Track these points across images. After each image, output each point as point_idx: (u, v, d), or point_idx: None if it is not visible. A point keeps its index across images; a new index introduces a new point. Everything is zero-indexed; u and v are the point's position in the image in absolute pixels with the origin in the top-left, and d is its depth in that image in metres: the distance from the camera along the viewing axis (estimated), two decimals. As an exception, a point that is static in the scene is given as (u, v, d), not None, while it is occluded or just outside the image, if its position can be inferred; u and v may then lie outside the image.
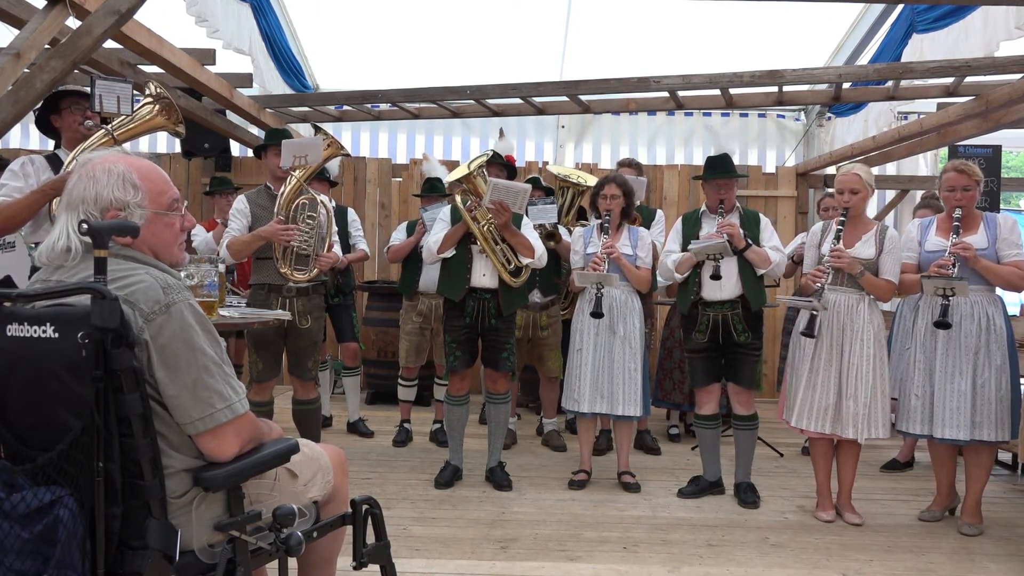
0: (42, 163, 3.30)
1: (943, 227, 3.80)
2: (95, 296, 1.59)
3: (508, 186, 4.05)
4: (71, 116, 3.37)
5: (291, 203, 3.94)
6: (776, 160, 7.70)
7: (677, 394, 5.44)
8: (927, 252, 3.81)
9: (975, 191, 3.72)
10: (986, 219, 3.78)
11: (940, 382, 3.70)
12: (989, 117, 5.37)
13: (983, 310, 3.67)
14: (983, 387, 3.64)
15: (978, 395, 3.64)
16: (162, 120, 3.40)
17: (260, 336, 4.02)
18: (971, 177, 3.70)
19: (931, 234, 3.84)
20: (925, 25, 5.11)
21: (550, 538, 3.58)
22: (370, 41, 6.56)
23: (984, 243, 3.70)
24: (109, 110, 3.24)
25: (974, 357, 3.65)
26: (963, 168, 3.73)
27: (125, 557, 1.67)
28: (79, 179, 1.83)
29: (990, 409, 3.63)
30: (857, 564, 3.37)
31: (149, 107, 3.36)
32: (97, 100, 3.21)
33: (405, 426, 5.32)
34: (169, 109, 3.40)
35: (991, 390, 3.63)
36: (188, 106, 5.50)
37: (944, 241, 3.73)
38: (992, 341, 3.65)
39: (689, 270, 4.12)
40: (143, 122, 3.36)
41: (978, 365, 3.65)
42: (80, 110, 3.35)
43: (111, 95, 3.24)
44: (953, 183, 3.72)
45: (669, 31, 6.28)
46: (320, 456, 2.18)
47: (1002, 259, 3.68)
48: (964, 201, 3.70)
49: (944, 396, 3.68)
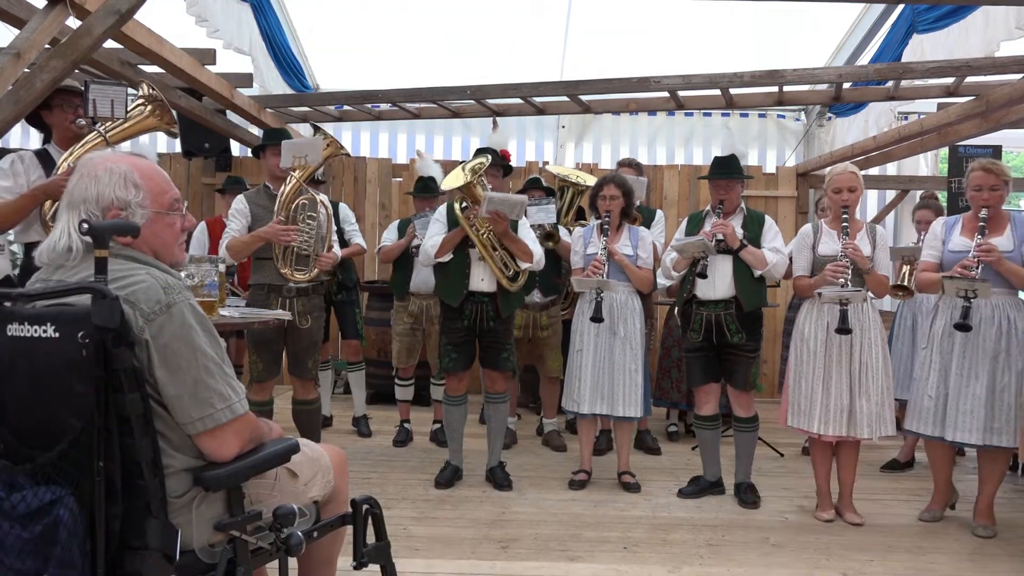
0: (32, 160, 3.29)
1: (968, 227, 3.71)
2: (96, 296, 1.59)
3: (504, 199, 4.03)
4: (62, 114, 3.35)
5: (291, 203, 3.94)
6: (776, 160, 7.70)
7: (675, 393, 5.45)
8: (950, 252, 3.73)
9: (1003, 191, 3.64)
10: (1014, 220, 3.69)
11: (955, 384, 3.65)
12: (989, 117, 5.36)
13: (1004, 313, 3.61)
14: (1003, 392, 3.58)
15: (997, 400, 3.58)
16: (155, 121, 3.38)
17: (260, 336, 4.02)
18: (999, 176, 3.62)
19: (955, 234, 3.76)
20: (925, 25, 5.11)
21: (550, 538, 3.58)
22: (370, 41, 6.55)
23: (1010, 245, 3.62)
24: (103, 114, 3.19)
25: (992, 361, 3.59)
26: (991, 167, 3.66)
27: (125, 557, 1.67)
28: (80, 178, 1.83)
29: (1009, 415, 3.56)
30: (857, 564, 3.36)
31: (141, 107, 3.35)
32: (91, 105, 3.16)
33: (405, 426, 5.33)
34: (162, 110, 3.38)
35: (1011, 395, 3.57)
36: (188, 106, 5.51)
37: (968, 241, 3.65)
38: (1013, 345, 3.59)
39: (685, 268, 4.11)
40: (135, 123, 3.35)
41: (997, 369, 3.59)
42: (72, 108, 3.33)
43: (105, 99, 3.18)
44: (980, 182, 3.65)
45: (669, 31, 6.28)
46: (320, 456, 2.19)
47: None
48: (991, 201, 3.62)
49: (958, 399, 3.63)
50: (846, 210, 3.78)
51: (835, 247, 3.80)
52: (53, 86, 3.35)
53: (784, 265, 4.10)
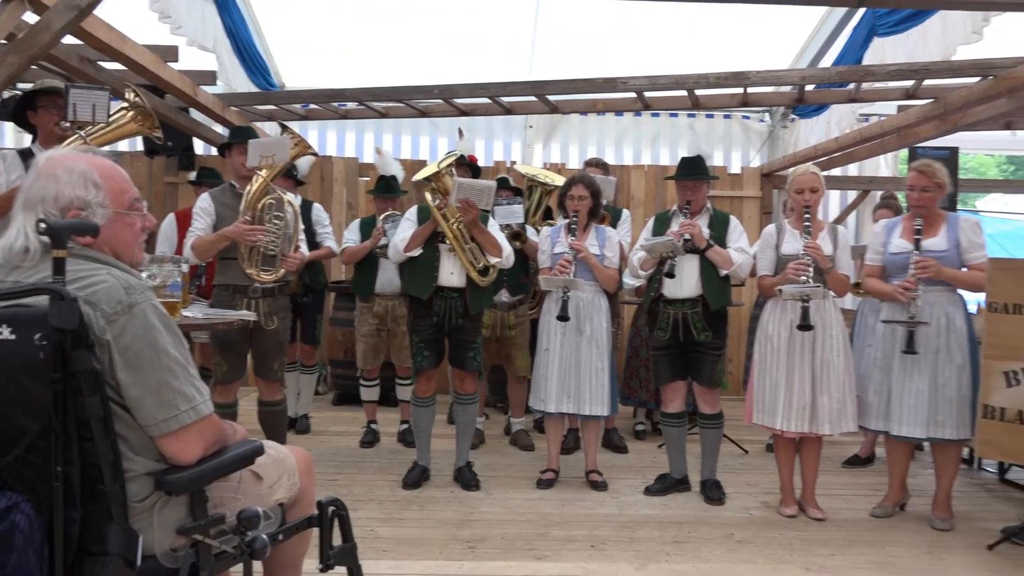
0: (14, 159, 3.27)
1: (907, 228, 3.84)
2: (53, 297, 1.56)
3: (473, 184, 4.07)
4: (47, 115, 3.33)
5: (257, 203, 3.90)
6: (741, 161, 7.79)
7: (643, 392, 5.48)
8: (890, 254, 3.85)
9: (933, 192, 3.75)
10: (949, 220, 3.82)
11: (898, 380, 3.77)
12: (947, 119, 5.49)
13: (943, 310, 3.72)
14: (944, 386, 3.69)
15: (939, 394, 3.69)
16: (136, 127, 3.36)
17: (225, 337, 3.96)
18: (930, 178, 3.73)
19: (895, 236, 3.88)
20: (886, 29, 5.21)
21: (518, 537, 3.59)
22: (337, 39, 6.51)
23: (944, 245, 3.74)
24: (84, 118, 3.14)
25: (933, 356, 3.70)
26: (924, 169, 3.77)
27: (84, 563, 1.64)
28: (38, 177, 1.80)
29: (951, 408, 3.68)
30: (819, 558, 3.42)
31: (123, 112, 3.33)
32: (71, 109, 3.10)
33: (372, 427, 5.30)
34: (145, 116, 3.36)
35: (952, 389, 3.69)
36: (151, 104, 5.41)
37: (907, 244, 3.77)
38: (952, 341, 3.70)
39: (653, 268, 4.15)
40: (118, 127, 3.31)
41: (939, 365, 3.70)
42: (56, 109, 3.31)
43: (86, 103, 3.13)
44: (912, 183, 3.78)
45: (636, 32, 6.33)
46: (286, 458, 2.17)
47: (967, 261, 3.73)
48: (921, 201, 3.75)
49: (902, 394, 3.75)
50: (808, 210, 3.84)
51: (798, 246, 3.86)
52: (10, 82, 3.29)
53: (749, 265, 4.16)
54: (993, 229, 10.50)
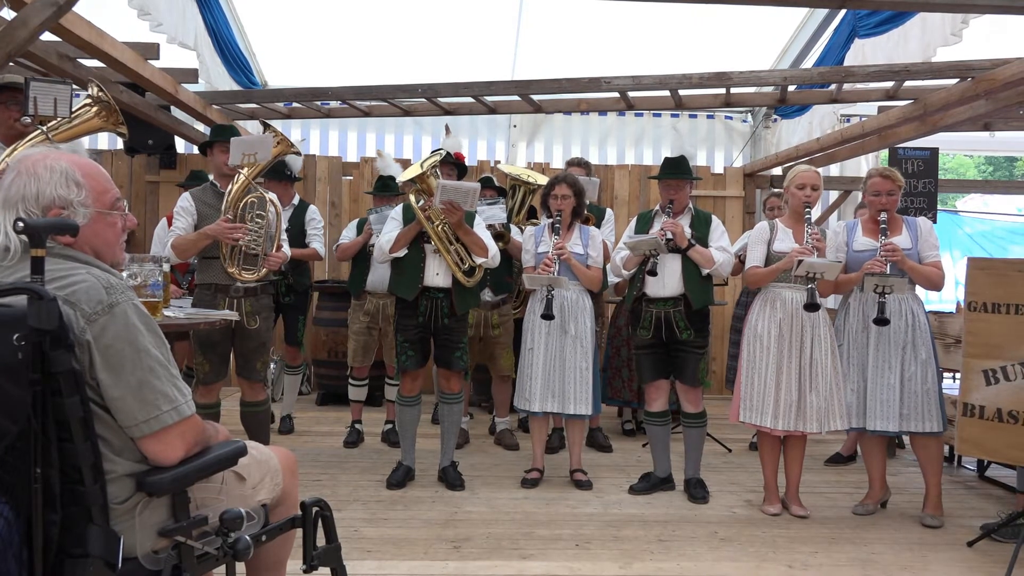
0: None
1: (869, 228, 3.98)
2: (32, 297, 1.54)
3: (457, 186, 4.04)
4: (6, 111, 3.25)
5: (239, 201, 3.87)
6: (724, 161, 7.84)
7: (627, 392, 5.49)
8: (855, 252, 3.97)
9: (898, 195, 3.93)
10: (907, 222, 3.99)
11: (872, 376, 3.86)
12: (927, 120, 5.54)
13: (908, 307, 3.87)
14: (910, 380, 3.82)
15: (906, 388, 3.82)
16: (100, 122, 3.29)
17: (207, 337, 3.93)
18: (895, 182, 3.90)
19: (857, 235, 4.01)
20: (867, 30, 5.26)
21: (503, 537, 3.58)
22: (320, 37, 6.48)
23: (908, 243, 3.90)
24: (45, 113, 3.08)
25: (901, 352, 3.84)
26: (887, 174, 3.93)
27: (65, 566, 1.61)
28: (18, 176, 1.77)
29: (916, 401, 3.81)
30: (802, 556, 3.45)
31: (87, 108, 3.26)
32: (31, 103, 3.05)
33: (356, 427, 5.28)
34: (109, 111, 3.29)
35: (917, 383, 3.82)
36: (131, 102, 5.36)
37: (872, 241, 3.91)
38: (917, 337, 3.85)
39: (635, 266, 4.16)
40: (81, 123, 3.25)
41: (905, 360, 3.83)
42: (16, 105, 3.24)
43: (47, 97, 3.07)
44: (879, 188, 3.90)
45: (620, 32, 6.35)
46: (269, 458, 2.15)
47: (923, 259, 3.89)
48: (888, 204, 3.89)
49: (876, 390, 3.85)
50: (809, 207, 3.90)
51: (790, 244, 3.91)
52: (-14, 79, 3.24)
53: (731, 264, 4.18)
54: (972, 229, 10.63)
